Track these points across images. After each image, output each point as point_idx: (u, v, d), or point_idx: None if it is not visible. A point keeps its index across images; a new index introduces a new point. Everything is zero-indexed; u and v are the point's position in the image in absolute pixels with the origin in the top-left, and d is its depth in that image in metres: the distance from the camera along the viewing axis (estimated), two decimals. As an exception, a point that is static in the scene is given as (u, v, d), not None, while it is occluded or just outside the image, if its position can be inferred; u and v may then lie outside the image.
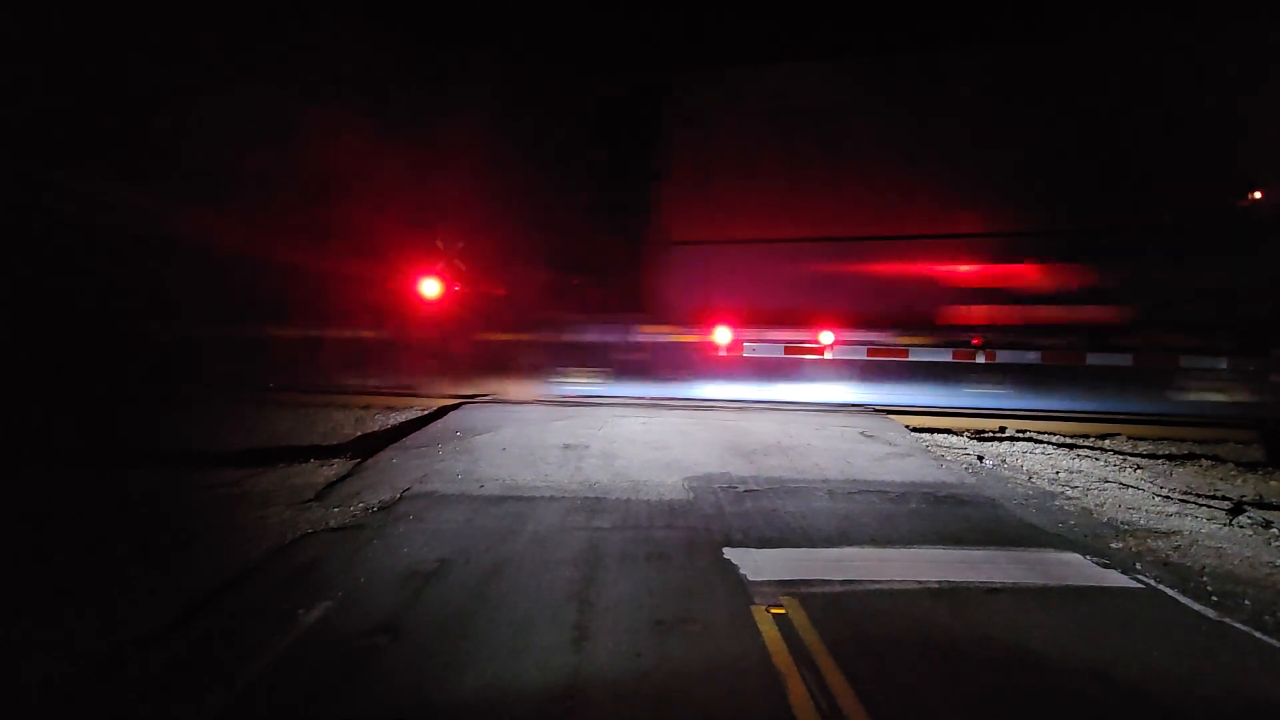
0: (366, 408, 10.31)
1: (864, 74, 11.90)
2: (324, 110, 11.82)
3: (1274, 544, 5.24)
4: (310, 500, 5.80)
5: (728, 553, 4.71)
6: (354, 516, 5.41)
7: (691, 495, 6.03)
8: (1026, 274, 11.17)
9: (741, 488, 6.26)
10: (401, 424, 9.22)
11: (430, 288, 12.20)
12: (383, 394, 11.15)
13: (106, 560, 4.55)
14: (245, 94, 11.92)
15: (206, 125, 11.87)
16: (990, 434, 9.22)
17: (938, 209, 11.46)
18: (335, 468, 6.82)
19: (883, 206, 11.65)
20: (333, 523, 5.27)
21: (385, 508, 5.58)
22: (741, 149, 12.24)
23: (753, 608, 3.88)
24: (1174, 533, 5.43)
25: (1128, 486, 6.75)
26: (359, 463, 6.91)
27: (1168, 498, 6.46)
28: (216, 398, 10.78)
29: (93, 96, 11.81)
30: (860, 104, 11.85)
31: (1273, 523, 5.64)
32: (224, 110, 11.90)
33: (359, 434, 8.88)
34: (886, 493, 6.17)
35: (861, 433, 8.48)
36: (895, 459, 7.30)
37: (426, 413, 9.74)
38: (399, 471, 6.55)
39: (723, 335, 11.52)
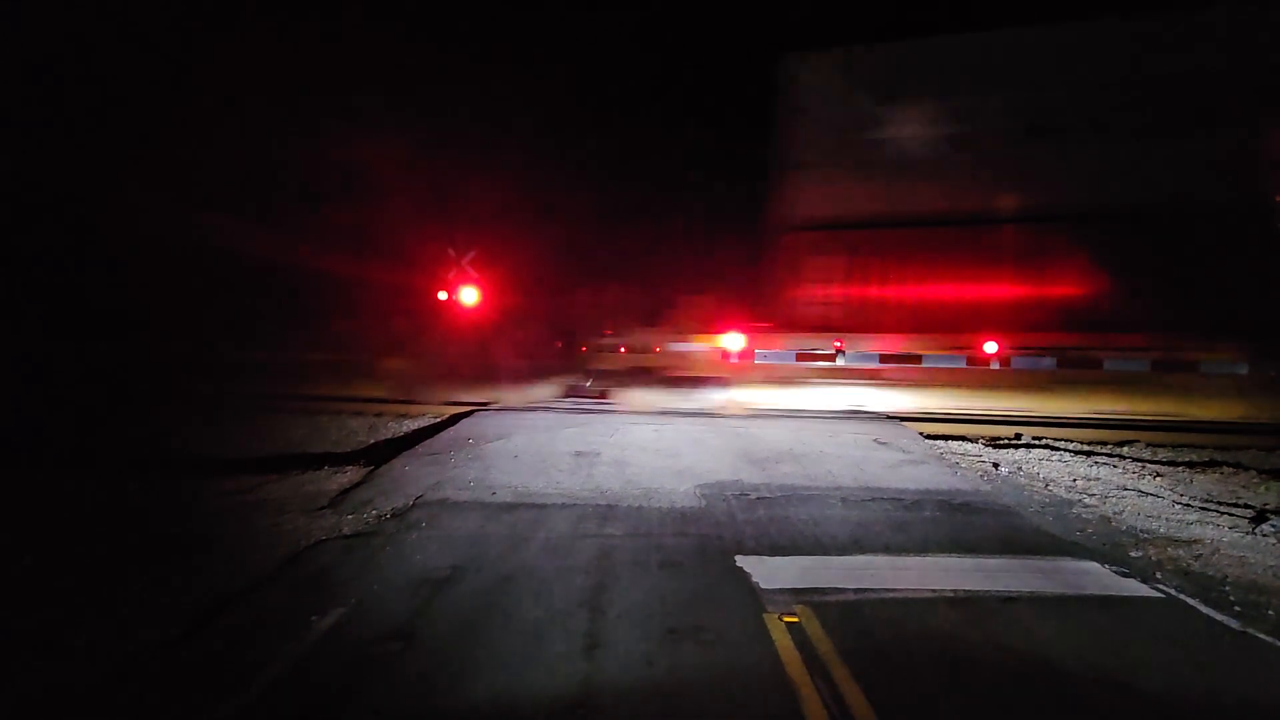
0: (379, 415, 10.40)
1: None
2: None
3: (1299, 553, 5.13)
4: (324, 507, 5.85)
5: (740, 560, 4.69)
6: (367, 524, 5.44)
7: (703, 503, 6.01)
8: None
9: (754, 495, 6.23)
10: (414, 431, 9.28)
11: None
12: (395, 401, 11.24)
13: (124, 565, 4.61)
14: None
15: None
16: (1006, 441, 9.11)
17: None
18: (348, 475, 6.88)
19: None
20: (346, 530, 5.30)
21: (398, 515, 5.61)
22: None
23: (765, 616, 3.85)
24: (1195, 541, 5.33)
25: (1147, 494, 6.64)
26: (372, 470, 6.96)
27: (1188, 505, 6.34)
28: (232, 405, 10.93)
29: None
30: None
31: (1297, 531, 5.52)
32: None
33: (372, 441, 8.95)
34: (900, 500, 6.11)
35: (875, 440, 8.41)
36: (909, 466, 7.23)
37: (438, 420, 9.80)
38: (411, 479, 6.58)
39: (734, 342, 11.49)
